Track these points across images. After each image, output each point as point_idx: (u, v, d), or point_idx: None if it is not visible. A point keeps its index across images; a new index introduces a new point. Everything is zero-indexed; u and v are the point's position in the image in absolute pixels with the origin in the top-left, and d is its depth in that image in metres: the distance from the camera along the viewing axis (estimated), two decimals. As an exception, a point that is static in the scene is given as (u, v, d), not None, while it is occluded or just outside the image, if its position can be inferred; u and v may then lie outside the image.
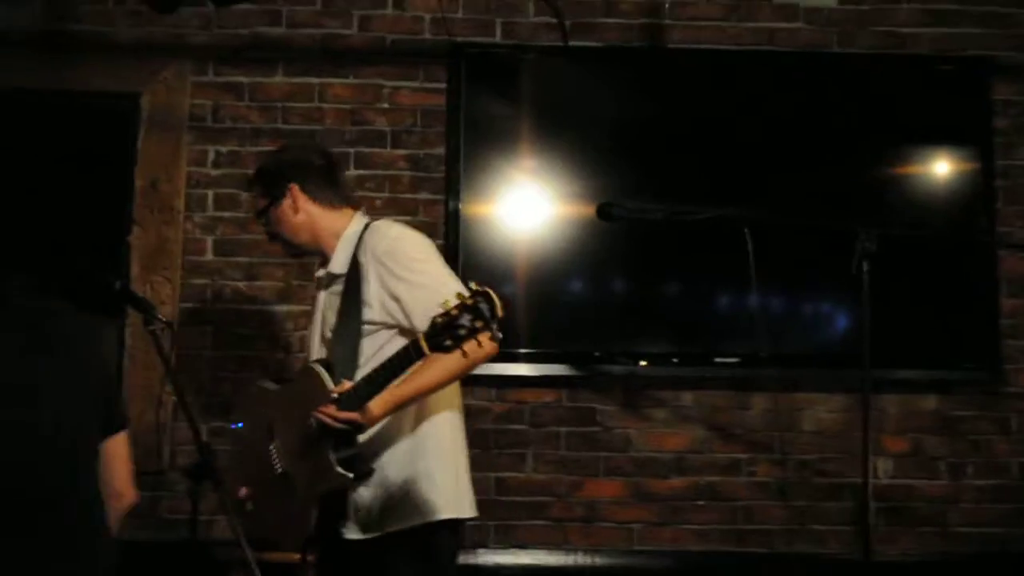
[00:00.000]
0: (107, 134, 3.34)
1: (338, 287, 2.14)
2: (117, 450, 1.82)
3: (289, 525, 2.25)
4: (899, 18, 3.40)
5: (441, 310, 1.73)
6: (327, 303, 2.20)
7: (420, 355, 1.92)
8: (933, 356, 3.27)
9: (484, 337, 1.77)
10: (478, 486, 2.48)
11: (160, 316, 2.23)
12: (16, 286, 1.81)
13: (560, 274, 3.04)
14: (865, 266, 2.31)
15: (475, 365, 2.05)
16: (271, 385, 2.48)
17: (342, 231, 2.17)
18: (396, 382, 2.01)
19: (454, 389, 2.24)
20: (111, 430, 1.79)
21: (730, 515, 3.25)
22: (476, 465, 2.51)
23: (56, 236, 3.23)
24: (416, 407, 2.18)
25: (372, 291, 2.02)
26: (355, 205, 2.25)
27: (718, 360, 3.21)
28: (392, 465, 2.15)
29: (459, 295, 1.78)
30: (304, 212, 2.15)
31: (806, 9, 3.40)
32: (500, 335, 1.77)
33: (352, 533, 2.21)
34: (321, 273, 2.19)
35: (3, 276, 1.80)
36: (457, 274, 2.23)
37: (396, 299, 1.98)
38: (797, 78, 3.39)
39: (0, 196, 3.18)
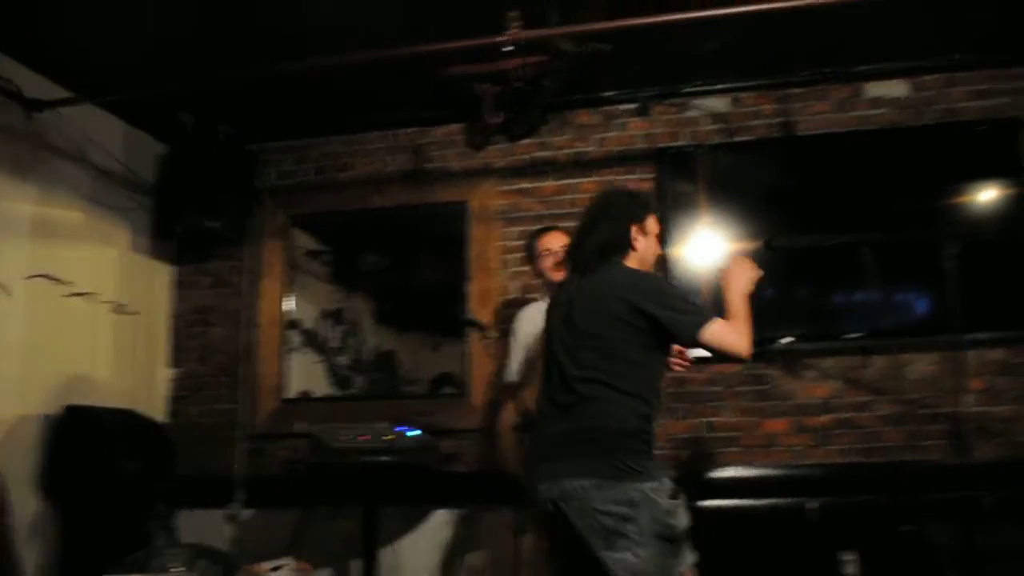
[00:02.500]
0: (451, 226, 4.46)
1: None
2: None
3: None
4: (953, 97, 4.19)
5: None
6: None
7: None
8: (998, 322, 3.92)
9: None
10: (694, 429, 3.71)
11: (490, 332, 3.58)
12: None
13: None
14: (952, 264, 3.04)
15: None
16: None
17: None
18: None
19: None
20: None
21: (862, 438, 4.00)
22: (691, 415, 3.80)
23: (425, 286, 4.75)
24: None
25: None
26: None
27: (846, 336, 4.03)
28: None
29: None
30: None
31: (888, 98, 4.24)
32: None
33: None
34: None
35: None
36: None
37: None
38: (886, 145, 4.19)
39: (396, 271, 4.72)
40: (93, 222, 4.28)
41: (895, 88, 4.28)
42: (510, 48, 3.26)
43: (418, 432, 3.89)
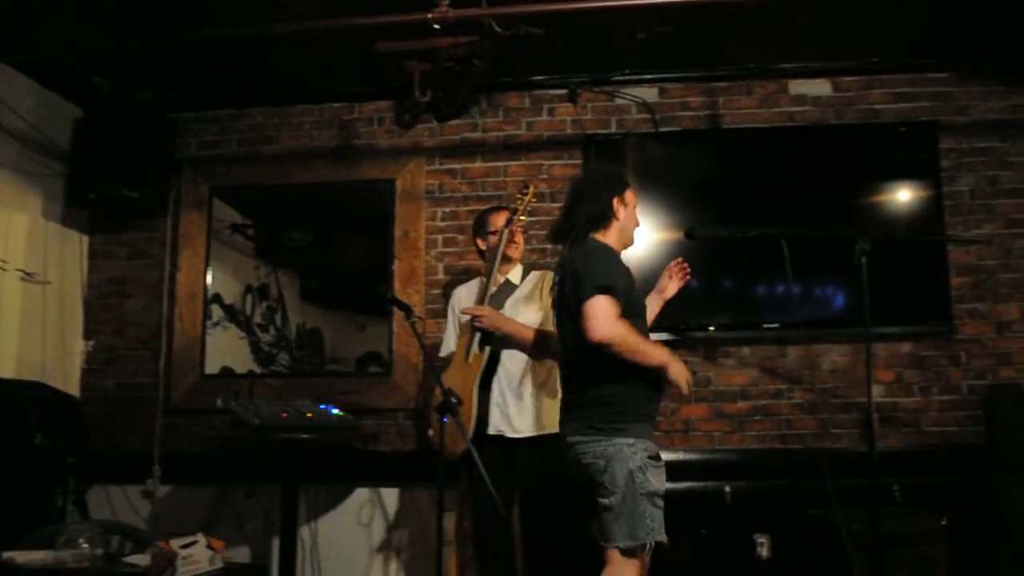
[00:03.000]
0: (377, 204, 4.48)
1: None
2: None
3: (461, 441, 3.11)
4: (874, 99, 4.33)
5: None
6: None
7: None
8: (907, 317, 4.11)
9: None
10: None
11: (415, 313, 3.34)
12: None
13: (658, 276, 3.27)
14: (864, 259, 3.05)
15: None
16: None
17: None
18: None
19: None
20: None
21: (778, 425, 4.14)
22: None
23: (350, 267, 4.67)
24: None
25: None
26: None
27: (765, 326, 4.14)
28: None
29: None
30: None
31: (811, 97, 4.35)
32: None
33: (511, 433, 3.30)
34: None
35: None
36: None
37: None
38: (808, 142, 4.31)
39: (322, 248, 4.67)
40: (1, 187, 4.12)
41: (818, 87, 4.38)
42: (439, 27, 3.21)
43: (340, 411, 3.88)
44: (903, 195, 4.30)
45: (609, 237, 2.91)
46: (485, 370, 3.41)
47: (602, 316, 2.65)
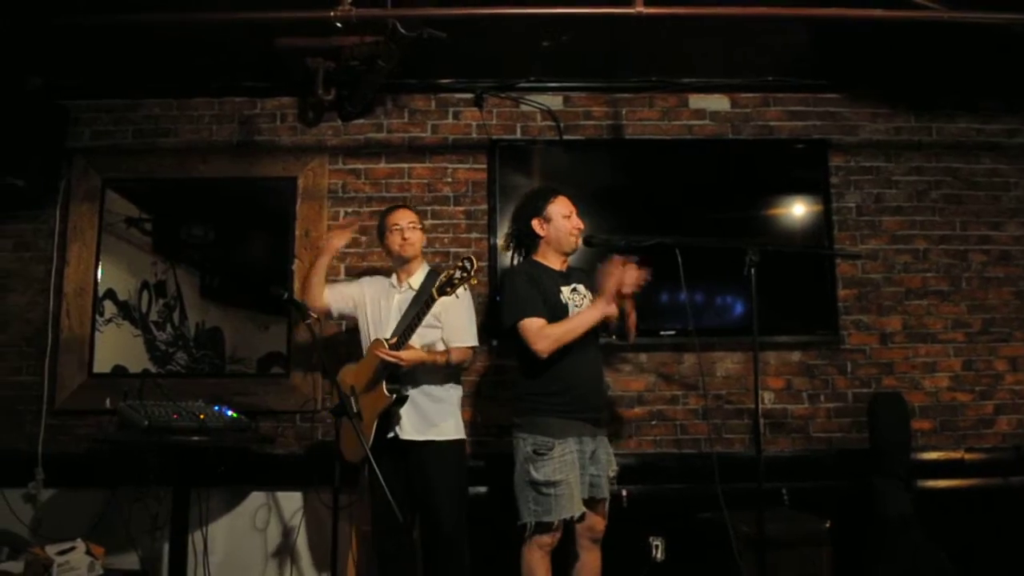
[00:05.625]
0: (278, 202, 4.41)
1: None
2: None
3: (358, 445, 3.17)
4: (769, 116, 4.47)
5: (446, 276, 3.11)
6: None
7: (433, 300, 3.12)
8: (797, 327, 4.26)
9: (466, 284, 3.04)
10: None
11: (311, 315, 3.27)
12: None
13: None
14: (752, 271, 3.19)
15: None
16: (352, 365, 3.57)
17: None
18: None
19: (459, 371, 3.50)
20: None
21: (672, 430, 4.23)
22: (511, 402, 3.49)
23: (251, 265, 4.52)
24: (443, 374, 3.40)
25: None
26: None
27: (662, 333, 4.18)
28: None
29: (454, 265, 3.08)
30: None
31: (710, 112, 4.46)
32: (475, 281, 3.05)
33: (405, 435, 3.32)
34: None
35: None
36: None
37: None
38: (706, 155, 4.41)
39: (222, 245, 4.54)
40: None
41: (717, 102, 4.49)
42: (342, 25, 3.17)
43: (235, 412, 3.81)
44: (796, 209, 4.43)
45: (543, 253, 3.37)
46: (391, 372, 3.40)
47: (531, 336, 3.16)
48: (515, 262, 3.44)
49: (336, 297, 3.70)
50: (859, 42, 3.98)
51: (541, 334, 3.15)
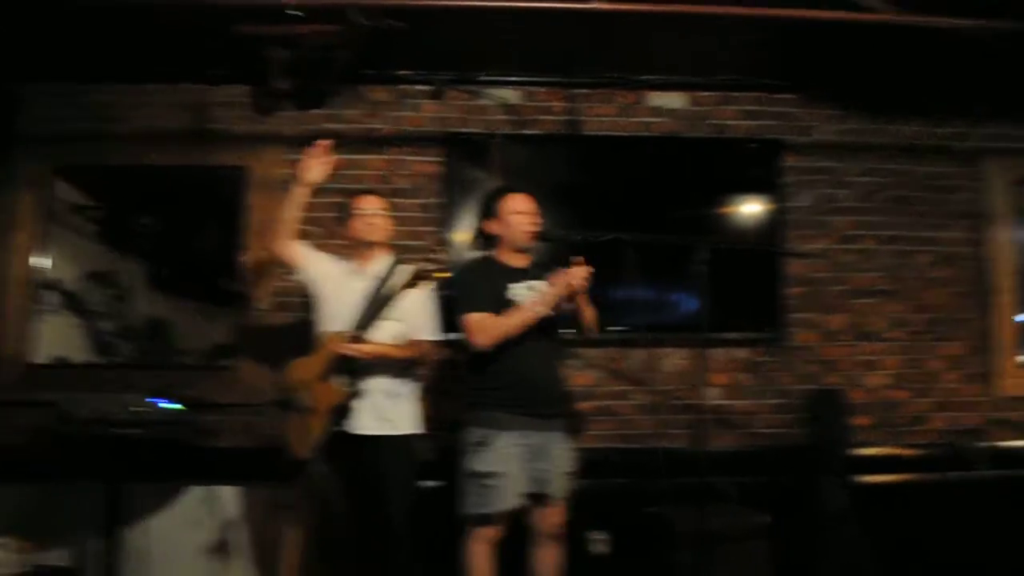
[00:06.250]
0: (231, 192, 4.30)
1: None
2: None
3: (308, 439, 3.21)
4: (725, 115, 4.51)
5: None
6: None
7: (396, 292, 3.18)
8: (744, 324, 4.29)
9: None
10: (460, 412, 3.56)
11: (259, 306, 3.45)
12: None
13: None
14: (702, 268, 3.20)
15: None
16: (305, 358, 3.41)
17: None
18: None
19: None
20: None
21: (619, 425, 4.24)
22: (458, 398, 3.50)
23: (201, 253, 4.51)
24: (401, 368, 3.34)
25: None
26: None
27: (611, 329, 4.06)
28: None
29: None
30: None
31: (667, 109, 4.50)
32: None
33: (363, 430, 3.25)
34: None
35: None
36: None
37: None
38: (663, 152, 4.41)
39: (173, 235, 4.45)
40: None
41: (674, 100, 4.52)
42: (298, 12, 3.14)
43: (176, 404, 3.73)
44: (749, 208, 4.48)
45: (501, 251, 3.43)
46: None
47: (473, 331, 3.23)
48: None
49: (307, 253, 3.54)
50: (814, 44, 4.03)
51: (478, 328, 3.21)
